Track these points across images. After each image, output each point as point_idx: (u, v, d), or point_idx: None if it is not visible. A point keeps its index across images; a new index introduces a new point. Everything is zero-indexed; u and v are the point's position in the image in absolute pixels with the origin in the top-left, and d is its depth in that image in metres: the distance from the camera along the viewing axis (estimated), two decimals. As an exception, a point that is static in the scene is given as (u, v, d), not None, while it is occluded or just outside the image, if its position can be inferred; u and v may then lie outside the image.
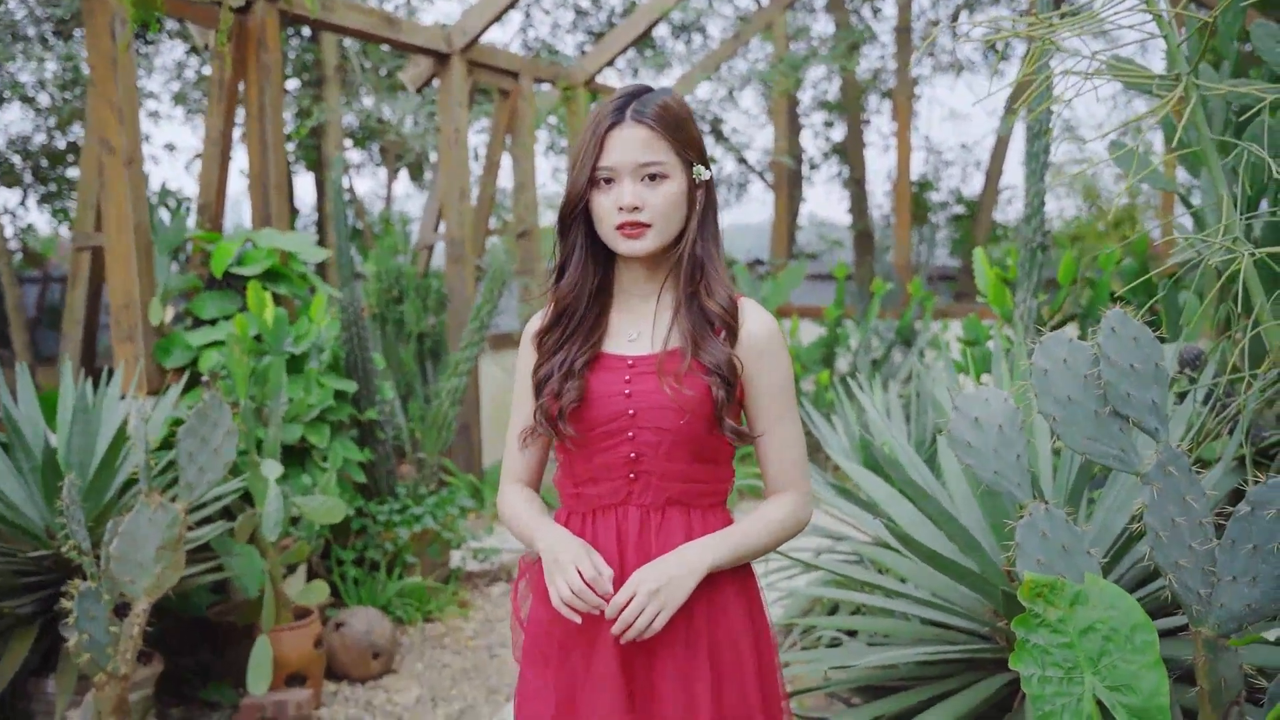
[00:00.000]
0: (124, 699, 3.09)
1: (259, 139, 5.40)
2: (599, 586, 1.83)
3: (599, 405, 1.94)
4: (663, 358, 1.93)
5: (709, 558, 1.89)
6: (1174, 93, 2.66)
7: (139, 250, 4.53)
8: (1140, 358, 1.98)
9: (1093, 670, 1.89)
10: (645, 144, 1.89)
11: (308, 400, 4.47)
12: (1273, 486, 1.89)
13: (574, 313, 1.99)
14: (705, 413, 1.89)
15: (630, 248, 1.92)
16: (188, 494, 3.18)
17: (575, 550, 1.87)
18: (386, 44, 6.61)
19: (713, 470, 1.99)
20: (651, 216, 1.89)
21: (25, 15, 11.23)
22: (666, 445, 1.92)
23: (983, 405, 2.14)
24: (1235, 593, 1.95)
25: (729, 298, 1.95)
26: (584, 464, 1.99)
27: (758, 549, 1.98)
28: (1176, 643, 2.59)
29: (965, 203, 14.14)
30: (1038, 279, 3.74)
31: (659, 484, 1.94)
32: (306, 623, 4.11)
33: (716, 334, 1.92)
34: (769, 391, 1.96)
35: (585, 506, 2.00)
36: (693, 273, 1.94)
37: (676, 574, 1.86)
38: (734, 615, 1.97)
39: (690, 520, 1.96)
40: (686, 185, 1.94)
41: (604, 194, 1.91)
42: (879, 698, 3.18)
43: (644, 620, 1.82)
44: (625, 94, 1.93)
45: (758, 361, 1.94)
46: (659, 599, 1.83)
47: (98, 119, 4.58)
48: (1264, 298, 2.52)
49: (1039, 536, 2.07)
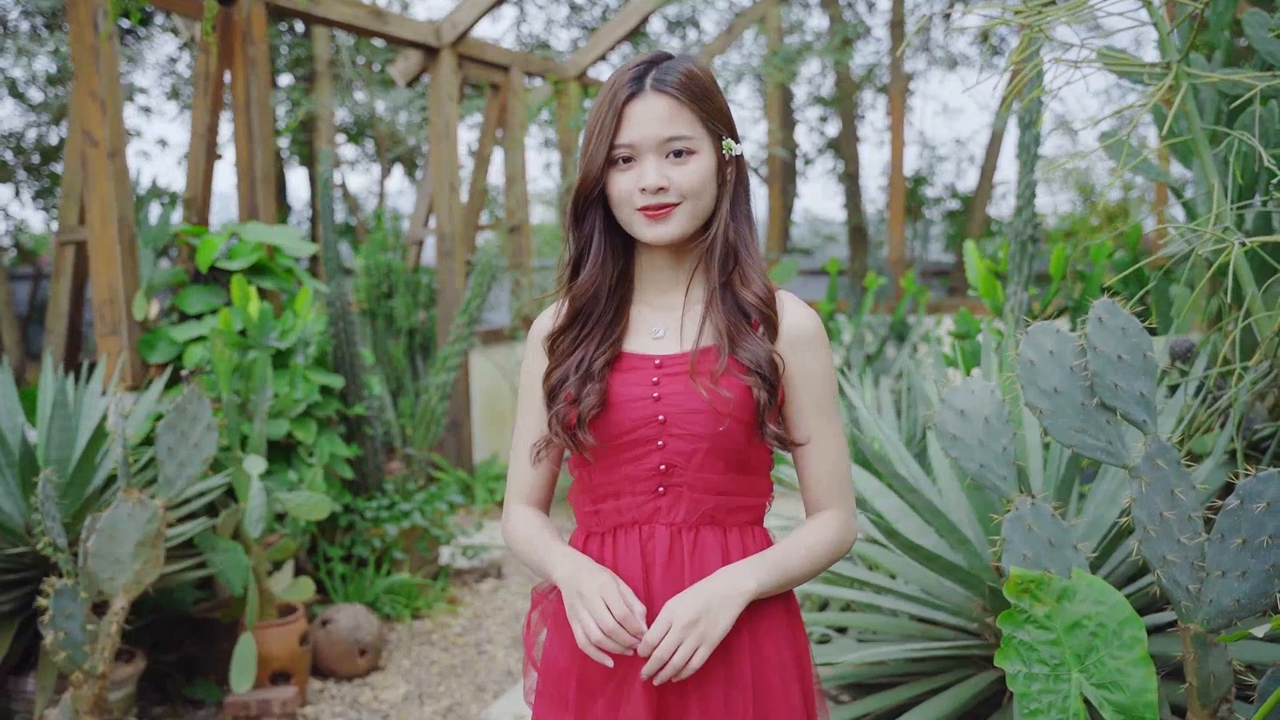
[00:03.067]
0: (102, 697, 3.05)
1: (245, 132, 5.35)
2: (629, 624, 1.60)
3: (624, 410, 1.72)
4: (696, 356, 1.70)
5: (751, 584, 1.66)
6: (1164, 81, 2.63)
7: (123, 244, 4.48)
8: (1128, 348, 1.94)
9: (1079, 667, 1.85)
10: (669, 116, 1.66)
11: (293, 395, 4.42)
12: (1262, 479, 1.86)
13: (592, 310, 1.76)
14: (745, 417, 1.68)
15: (656, 233, 1.69)
16: (167, 489, 3.14)
17: (602, 582, 1.64)
18: (374, 37, 6.56)
19: (750, 483, 1.76)
20: (679, 196, 1.67)
21: (16, 9, 11.17)
22: (701, 454, 1.70)
23: (968, 397, 2.10)
24: (1224, 588, 1.91)
25: (766, 287, 1.73)
26: (604, 476, 1.76)
27: (801, 574, 1.74)
28: (1167, 639, 2.56)
29: (960, 197, 14.08)
30: (1028, 272, 3.71)
31: (691, 498, 1.71)
32: (291, 620, 4.07)
33: (754, 328, 1.72)
34: (812, 393, 1.74)
35: (604, 525, 1.76)
36: (725, 259, 1.72)
37: (715, 603, 1.62)
38: (778, 645, 1.74)
39: (726, 540, 1.73)
40: (716, 161, 1.72)
41: (623, 174, 1.69)
42: (868, 694, 3.14)
43: (680, 657, 1.58)
44: (644, 61, 1.71)
45: (800, 359, 1.73)
46: (697, 632, 1.59)
47: (80, 111, 4.53)
48: (1255, 288, 2.50)
49: (1025, 531, 2.04)
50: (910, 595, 2.92)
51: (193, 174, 5.36)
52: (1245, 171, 2.82)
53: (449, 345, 5.75)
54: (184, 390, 3.17)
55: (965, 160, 15.91)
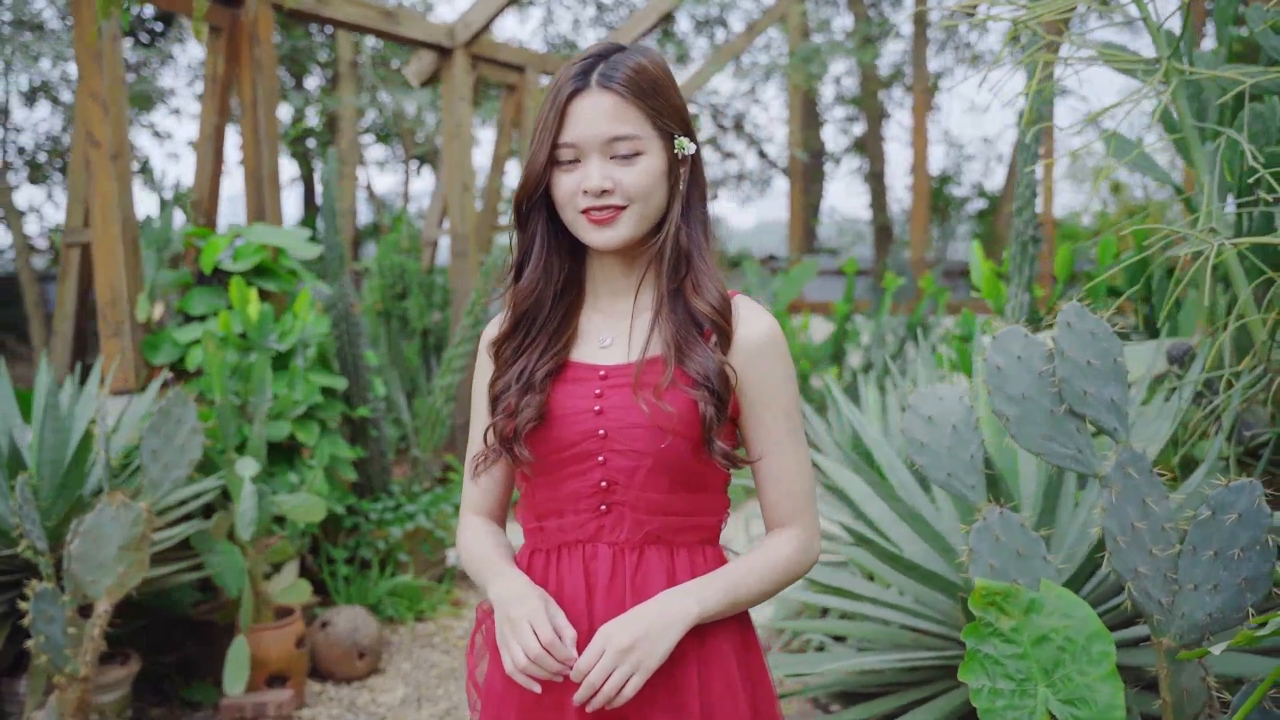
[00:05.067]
0: (85, 701, 3.04)
1: (252, 134, 5.36)
2: (556, 651, 1.52)
3: (564, 424, 1.64)
4: (641, 367, 1.62)
5: (694, 608, 1.57)
6: (1154, 77, 2.56)
7: (126, 246, 4.49)
8: (1097, 353, 1.88)
9: (1046, 682, 1.80)
10: (614, 114, 1.58)
11: (292, 397, 4.41)
12: (1234, 490, 1.80)
13: (535, 316, 1.69)
14: (691, 433, 1.60)
15: (602, 238, 1.61)
16: (152, 492, 3.13)
17: (531, 607, 1.56)
18: (385, 38, 6.56)
19: (700, 501, 1.68)
20: (625, 199, 1.59)
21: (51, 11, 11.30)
22: (644, 472, 1.62)
23: (936, 404, 2.05)
24: (1196, 601, 1.85)
25: (720, 295, 1.64)
26: (547, 493, 1.68)
27: (755, 595, 1.65)
28: (1147, 652, 2.49)
29: (987, 196, 13.95)
30: (1029, 273, 3.64)
31: (634, 517, 1.64)
32: (288, 622, 4.06)
33: (705, 338, 1.63)
34: (769, 406, 1.65)
35: (548, 543, 1.69)
36: (676, 265, 1.64)
37: (654, 628, 1.53)
38: (728, 673, 1.66)
39: (674, 561, 1.65)
40: (666, 161, 1.63)
41: (567, 174, 1.61)
42: (856, 703, 3.09)
43: (612, 685, 1.50)
44: (591, 55, 1.62)
45: (755, 370, 1.64)
46: (631, 659, 1.51)
47: (83, 113, 4.55)
48: (1247, 289, 2.42)
49: (993, 541, 1.99)
50: (895, 604, 2.86)
51: (200, 176, 5.38)
52: (1237, 170, 2.74)
53: (454, 347, 5.73)
54: (169, 393, 3.16)
55: (993, 159, 15.78)
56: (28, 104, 12.78)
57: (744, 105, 16.63)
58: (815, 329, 9.42)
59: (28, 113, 13.34)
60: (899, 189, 15.30)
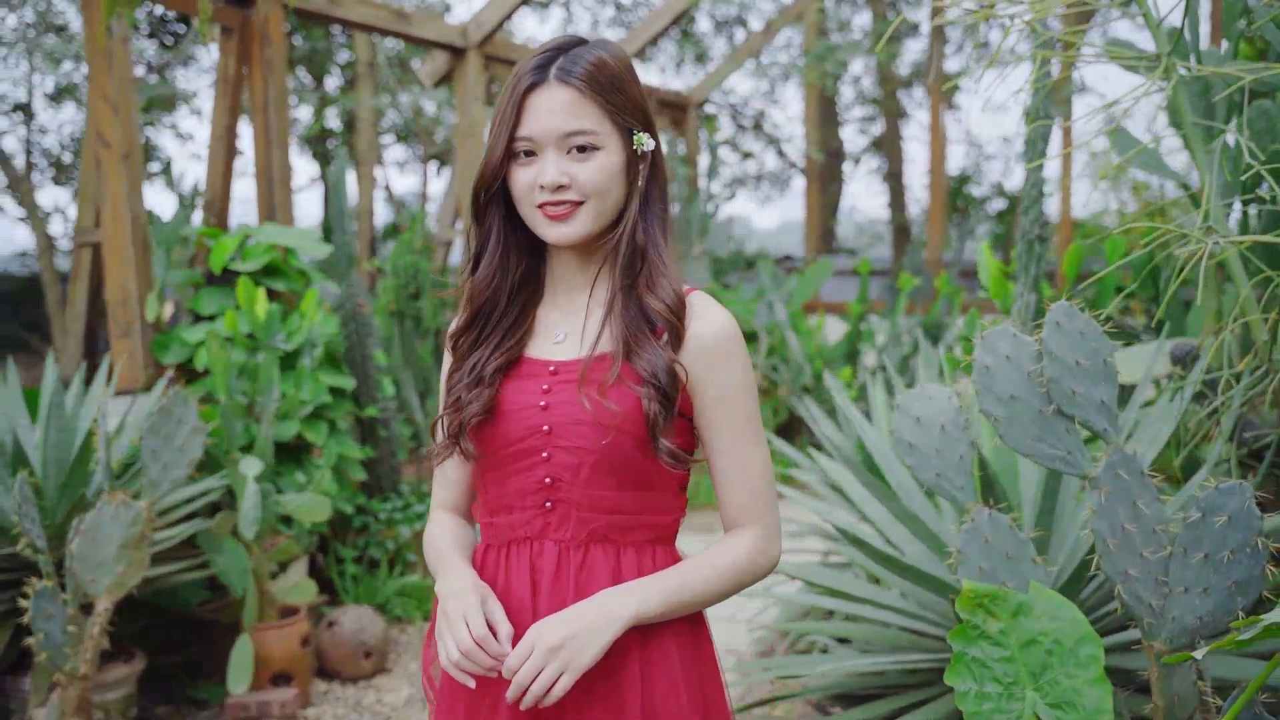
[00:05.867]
0: (85, 699, 3.06)
1: (263, 134, 5.38)
2: (488, 646, 1.51)
3: (510, 419, 1.64)
4: (588, 364, 1.61)
5: (631, 608, 1.54)
6: (1154, 73, 2.53)
7: (136, 245, 4.52)
8: (1086, 353, 1.86)
9: (1034, 685, 1.78)
10: (570, 108, 1.57)
11: (299, 397, 4.42)
12: (1224, 491, 1.77)
13: (491, 311, 1.68)
14: (636, 431, 1.58)
15: (556, 233, 1.59)
16: (151, 492, 3.14)
17: (466, 601, 1.56)
18: (397, 38, 6.57)
19: (650, 499, 1.65)
20: (581, 194, 1.58)
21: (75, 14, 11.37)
22: (587, 469, 1.60)
23: (926, 404, 2.03)
24: (1187, 605, 1.83)
25: (675, 293, 1.62)
26: (496, 489, 1.68)
27: (703, 598, 1.62)
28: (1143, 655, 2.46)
29: (1007, 196, 13.86)
30: (1036, 273, 3.60)
31: (579, 515, 1.62)
32: (292, 621, 4.06)
33: (658, 336, 1.61)
34: (722, 405, 1.62)
35: (499, 539, 1.69)
36: (631, 261, 1.63)
37: (587, 627, 1.52)
38: (673, 678, 1.63)
39: (620, 561, 1.63)
40: (625, 158, 1.62)
41: (524, 169, 1.60)
42: (856, 705, 3.07)
43: (541, 684, 1.48)
44: (551, 48, 1.60)
45: (707, 368, 1.61)
46: (560, 658, 1.49)
47: (93, 113, 4.57)
48: (1248, 287, 2.39)
49: (982, 542, 1.97)
50: (891, 605, 2.84)
51: (212, 176, 5.40)
52: (1240, 168, 2.70)
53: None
54: (169, 392, 3.17)
55: (1013, 158, 15.68)
56: (53, 105, 12.91)
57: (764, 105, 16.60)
58: (831, 329, 9.39)
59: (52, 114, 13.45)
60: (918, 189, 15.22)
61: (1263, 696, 1.89)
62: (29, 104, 12.70)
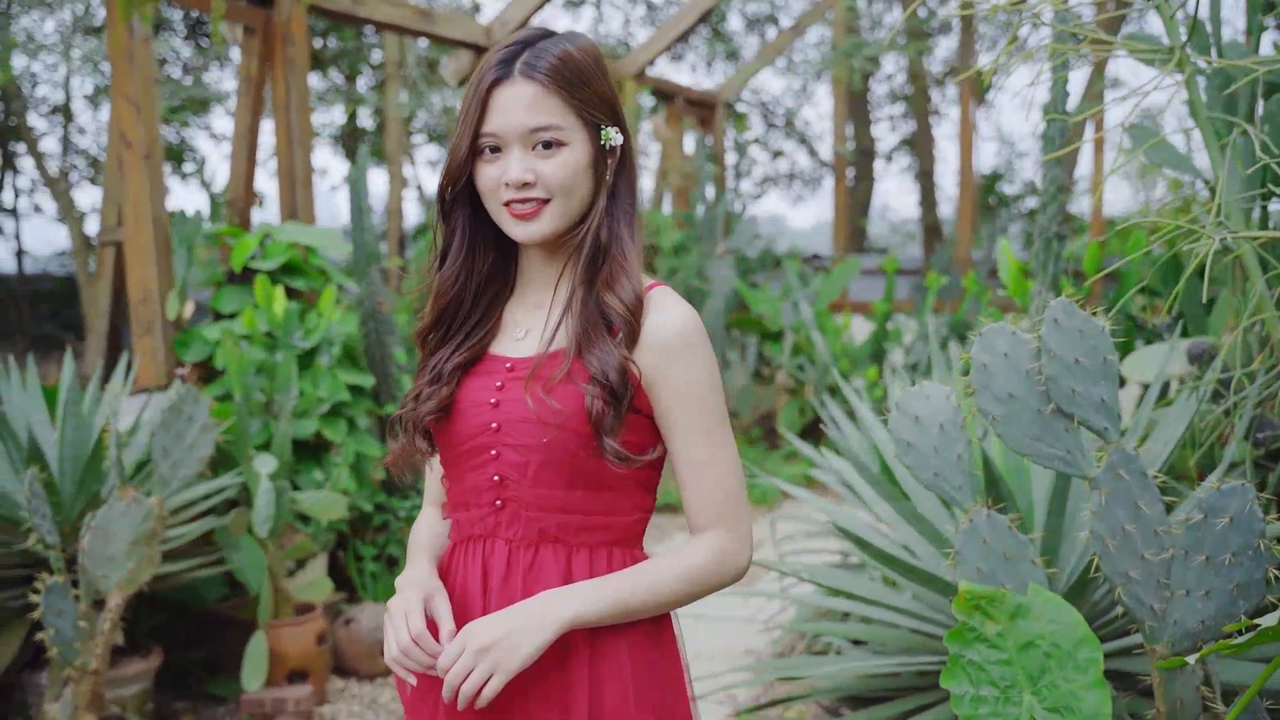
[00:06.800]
0: (97, 694, 3.08)
1: (285, 133, 5.41)
2: (424, 644, 1.51)
3: (464, 416, 1.62)
4: (540, 361, 1.58)
5: (568, 611, 1.51)
6: (1167, 67, 2.49)
7: (157, 244, 4.55)
8: (1086, 351, 1.82)
9: (1032, 689, 1.75)
10: (535, 103, 1.53)
11: (316, 394, 4.44)
12: (1225, 492, 1.73)
13: (456, 308, 1.66)
14: (581, 429, 1.54)
15: (523, 232, 1.57)
16: (161, 489, 3.16)
17: (407, 598, 1.56)
18: (421, 37, 6.58)
19: (603, 500, 1.60)
20: (547, 192, 1.55)
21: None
22: (534, 467, 1.57)
23: (924, 403, 2.00)
24: (1188, 608, 1.79)
25: (634, 292, 1.58)
26: (456, 485, 1.67)
27: (653, 603, 1.57)
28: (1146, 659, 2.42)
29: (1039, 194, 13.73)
30: (1054, 271, 3.56)
31: (529, 514, 1.59)
32: (308, 618, 4.08)
33: (614, 334, 1.57)
34: (679, 404, 1.57)
35: (460, 536, 1.68)
36: (594, 258, 1.59)
37: (519, 628, 1.48)
38: (623, 681, 1.58)
39: (571, 562, 1.59)
40: (591, 153, 1.59)
41: (490, 165, 1.57)
42: (866, 706, 3.04)
43: (471, 684, 1.46)
44: (517, 42, 1.57)
45: (663, 366, 1.56)
46: (490, 658, 1.46)
47: (116, 113, 4.61)
48: (1261, 284, 2.34)
49: (980, 543, 1.94)
50: (896, 606, 2.81)
51: (235, 175, 5.44)
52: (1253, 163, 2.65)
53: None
54: (179, 390, 3.19)
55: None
56: (91, 105, 13.07)
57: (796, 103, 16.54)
58: (859, 329, 9.33)
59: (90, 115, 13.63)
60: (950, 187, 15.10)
61: (1266, 703, 1.85)
62: (67, 105, 12.87)
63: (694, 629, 4.86)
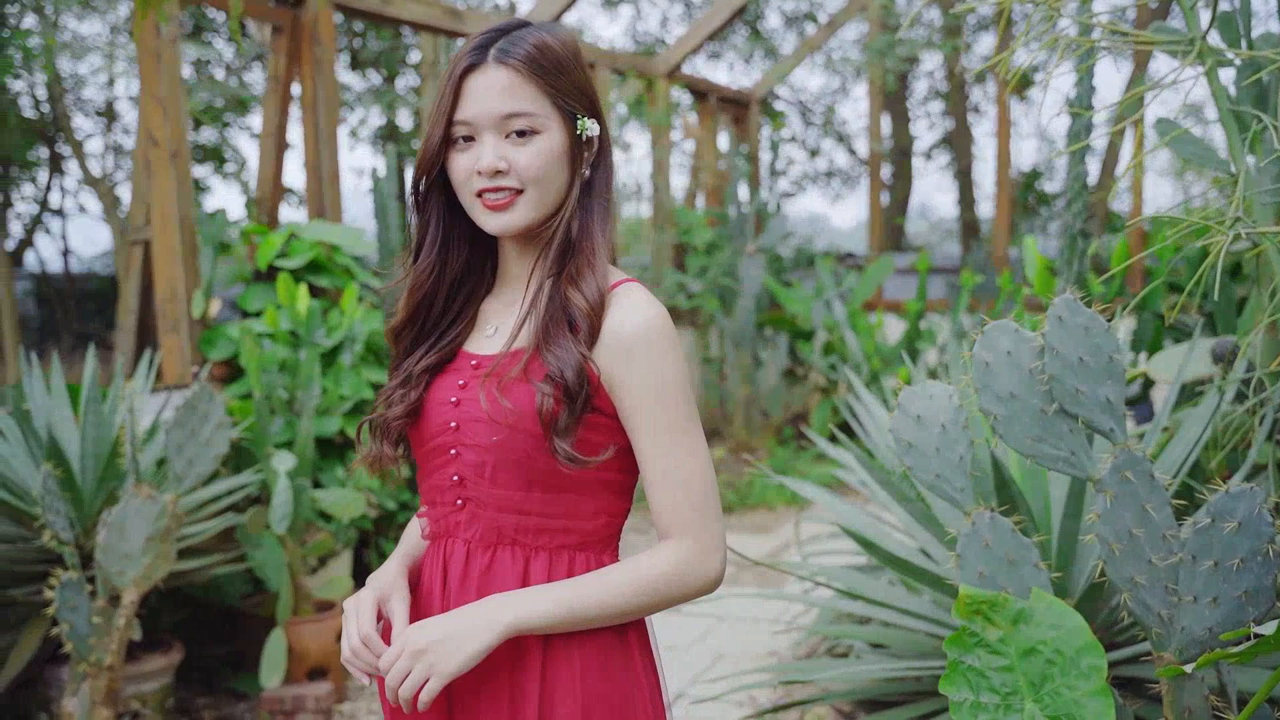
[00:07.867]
0: (114, 689, 3.09)
1: (313, 132, 5.43)
2: (372, 645, 1.50)
3: (428, 415, 1.59)
4: (500, 359, 1.53)
5: (508, 614, 1.45)
6: (1188, 58, 2.43)
7: (184, 243, 4.58)
8: (1090, 350, 1.77)
9: (1033, 696, 1.70)
10: (508, 91, 1.49)
11: (339, 392, 4.45)
12: (1233, 495, 1.67)
13: (430, 305, 1.61)
14: (533, 428, 1.48)
15: (496, 223, 1.52)
16: (176, 486, 3.17)
17: (360, 599, 1.55)
18: (451, 36, 6.59)
19: (563, 502, 1.54)
20: (520, 181, 1.50)
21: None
22: (490, 467, 1.52)
23: (925, 402, 1.95)
24: (1196, 614, 1.73)
25: (598, 288, 1.52)
26: (424, 484, 1.63)
27: (606, 611, 1.50)
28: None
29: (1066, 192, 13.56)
30: (1079, 268, 3.49)
31: (487, 515, 1.55)
32: (328, 616, 4.09)
33: (576, 331, 1.51)
34: (642, 404, 1.50)
35: (428, 534, 1.65)
36: (563, 253, 1.54)
37: (457, 632, 1.44)
38: (573, 690, 1.52)
39: (529, 565, 1.54)
40: (567, 142, 1.54)
41: (463, 154, 1.52)
42: (880, 710, 3.00)
43: (408, 687, 1.42)
44: (493, 30, 1.53)
45: (625, 365, 1.50)
46: (425, 661, 1.42)
47: (144, 113, 4.65)
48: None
49: (982, 546, 1.89)
50: (907, 609, 2.76)
51: (263, 174, 5.47)
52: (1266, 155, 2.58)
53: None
54: (193, 387, 3.20)
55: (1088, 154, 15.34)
56: (135, 107, 13.23)
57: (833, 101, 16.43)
58: (894, 327, 9.25)
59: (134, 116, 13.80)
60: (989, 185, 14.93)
61: (1278, 713, 1.79)
62: (111, 106, 13.03)
63: (717, 630, 4.83)
